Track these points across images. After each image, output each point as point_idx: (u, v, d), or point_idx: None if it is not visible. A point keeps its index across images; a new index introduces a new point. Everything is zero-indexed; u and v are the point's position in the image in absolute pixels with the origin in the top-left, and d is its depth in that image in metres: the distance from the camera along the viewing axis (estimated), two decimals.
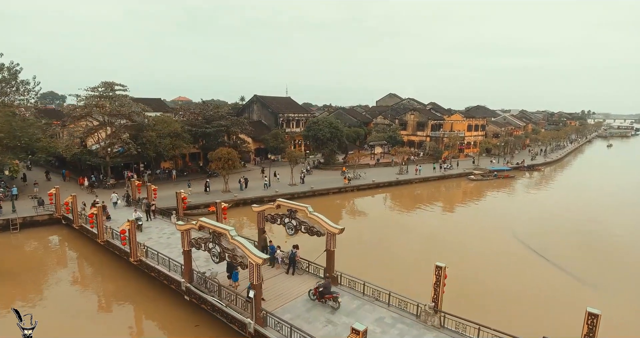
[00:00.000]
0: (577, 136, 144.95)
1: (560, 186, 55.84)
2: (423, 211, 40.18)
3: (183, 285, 18.40)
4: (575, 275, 23.94)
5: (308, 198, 43.08)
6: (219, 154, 40.01)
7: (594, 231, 33.40)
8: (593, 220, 37.06)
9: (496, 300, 20.68)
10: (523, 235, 31.39)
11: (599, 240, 30.93)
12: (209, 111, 47.72)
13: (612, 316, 16.64)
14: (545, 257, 26.59)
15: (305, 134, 57.34)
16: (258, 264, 14.32)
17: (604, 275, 24.25)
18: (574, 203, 44.42)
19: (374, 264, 25.12)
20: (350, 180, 47.69)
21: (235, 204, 38.98)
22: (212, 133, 45.73)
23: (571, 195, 48.88)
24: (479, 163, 66.47)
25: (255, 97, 68.11)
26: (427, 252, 27.32)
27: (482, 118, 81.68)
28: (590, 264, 26.01)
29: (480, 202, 44.43)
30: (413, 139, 75.74)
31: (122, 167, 44.78)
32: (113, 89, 42.48)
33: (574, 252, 27.94)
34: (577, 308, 14.10)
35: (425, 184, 53.17)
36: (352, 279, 17.90)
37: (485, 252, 27.73)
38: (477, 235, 31.88)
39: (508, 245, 29.48)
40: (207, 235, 17.59)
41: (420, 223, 35.82)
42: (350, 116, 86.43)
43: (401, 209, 41.61)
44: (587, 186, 55.75)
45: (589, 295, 21.51)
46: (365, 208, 42.57)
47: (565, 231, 33.26)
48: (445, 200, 46.00)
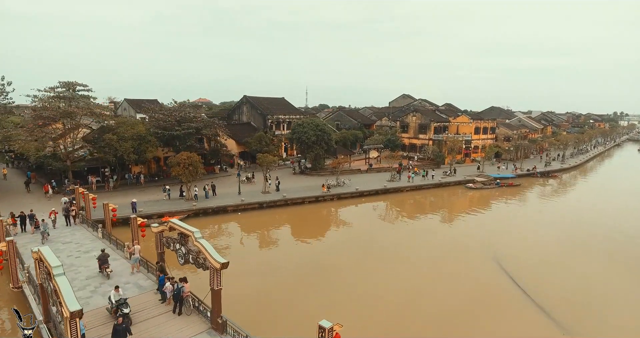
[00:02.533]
0: (606, 139, 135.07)
1: (571, 198, 49.76)
2: (400, 226, 35.68)
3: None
4: (557, 320, 19.10)
5: (279, 207, 39.34)
6: (178, 159, 36.85)
7: (592, 265, 28.07)
8: (593, 250, 31.57)
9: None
10: (507, 261, 26.51)
11: (599, 283, 25.69)
12: (180, 112, 44.62)
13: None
14: (527, 292, 21.77)
15: (290, 137, 53.62)
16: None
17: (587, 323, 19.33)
18: (582, 221, 38.75)
19: (304, 299, 21.04)
20: (330, 188, 43.54)
21: (195, 214, 35.67)
22: (180, 135, 42.62)
23: (581, 210, 43.05)
24: (484, 169, 60.85)
25: (245, 98, 64.93)
26: (393, 278, 23.03)
27: (492, 120, 75.61)
28: (581, 311, 21.04)
29: (470, 216, 39.27)
30: (415, 143, 70.67)
31: (87, 172, 42.38)
32: (74, 89, 40.14)
33: (564, 293, 22.94)
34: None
35: (416, 193, 48.32)
36: (237, 330, 13.86)
37: (451, 281, 23.14)
38: (451, 256, 27.22)
39: (483, 271, 24.74)
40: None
41: (391, 239, 31.33)
42: (351, 117, 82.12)
43: (375, 223, 36.88)
44: (605, 197, 49.51)
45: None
46: (338, 221, 38.15)
47: (561, 260, 28.10)
48: (430, 213, 40.72)
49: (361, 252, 27.87)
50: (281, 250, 28.77)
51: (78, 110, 37.53)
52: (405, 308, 19.74)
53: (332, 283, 22.57)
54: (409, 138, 71.44)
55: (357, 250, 28.41)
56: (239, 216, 36.42)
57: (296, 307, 19.57)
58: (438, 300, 20.56)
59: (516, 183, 53.31)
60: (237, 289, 19.46)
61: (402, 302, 20.24)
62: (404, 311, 19.45)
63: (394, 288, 21.88)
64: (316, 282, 22.55)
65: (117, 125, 40.59)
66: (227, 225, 34.33)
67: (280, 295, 20.89)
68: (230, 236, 32.03)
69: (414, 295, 21.10)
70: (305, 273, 23.81)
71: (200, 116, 47.30)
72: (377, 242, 30.02)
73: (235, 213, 37.11)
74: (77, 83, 40.44)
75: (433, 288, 22.08)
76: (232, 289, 17.68)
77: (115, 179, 42.13)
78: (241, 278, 21.67)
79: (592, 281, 23.68)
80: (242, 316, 15.98)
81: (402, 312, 19.37)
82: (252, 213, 37.44)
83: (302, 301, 20.21)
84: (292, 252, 28.10)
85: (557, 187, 54.99)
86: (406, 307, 19.91)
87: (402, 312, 19.29)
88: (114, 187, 41.87)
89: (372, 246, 29.04)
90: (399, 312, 19.27)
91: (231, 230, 33.55)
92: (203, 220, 34.70)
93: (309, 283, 22.49)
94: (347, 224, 36.49)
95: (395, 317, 18.70)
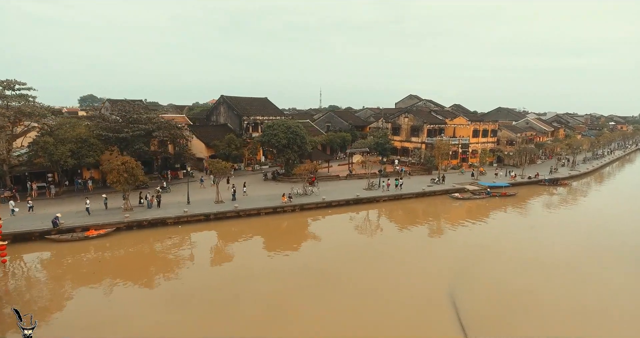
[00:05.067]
0: (627, 143, 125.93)
1: (576, 211, 43.73)
2: (354, 246, 30.72)
3: None
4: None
5: (229, 220, 35.04)
6: (112, 165, 33.01)
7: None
8: (590, 287, 25.98)
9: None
10: (465, 301, 21.40)
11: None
12: (134, 112, 40.87)
13: None
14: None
15: (260, 140, 49.36)
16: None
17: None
18: (585, 243, 33.07)
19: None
20: (292, 198, 38.95)
21: (127, 227, 31.68)
22: (127, 138, 38.83)
23: (583, 227, 37.25)
24: (479, 176, 55.15)
25: (222, 98, 60.99)
26: (315, 320, 18.35)
27: (494, 122, 69.46)
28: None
29: (440, 235, 33.97)
30: (407, 146, 65.34)
31: (30, 177, 39.10)
32: (12, 87, 36.88)
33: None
34: None
35: (393, 204, 43.12)
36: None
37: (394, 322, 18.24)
38: (396, 290, 22.25)
39: (430, 312, 19.72)
40: None
41: (334, 265, 26.47)
42: (342, 119, 77.29)
43: (327, 242, 31.98)
44: (612, 212, 43.37)
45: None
46: (284, 239, 32.93)
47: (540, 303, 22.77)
48: (395, 230, 35.25)
49: (292, 281, 23.21)
50: (191, 276, 24.32)
51: (7, 112, 34.11)
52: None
53: (249, 318, 18.03)
54: (400, 141, 66.16)
55: (289, 277, 23.76)
56: (178, 230, 32.19)
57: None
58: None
59: (511, 192, 47.45)
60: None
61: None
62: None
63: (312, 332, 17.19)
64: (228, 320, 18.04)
65: (58, 126, 37.15)
66: (158, 242, 29.96)
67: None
68: (144, 258, 27.55)
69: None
70: (210, 310, 19.32)
71: (158, 117, 43.36)
72: (312, 269, 25.21)
73: (176, 225, 33.01)
74: (17, 81, 37.18)
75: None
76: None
77: (56, 185, 38.67)
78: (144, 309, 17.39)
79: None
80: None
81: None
82: (196, 226, 33.21)
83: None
84: (203, 281, 23.65)
85: (561, 198, 48.78)
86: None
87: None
88: (57, 194, 38.44)
89: (306, 273, 24.32)
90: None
91: (155, 248, 29.17)
92: (134, 234, 30.72)
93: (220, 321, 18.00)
94: (293, 242, 31.62)
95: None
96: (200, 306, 19.68)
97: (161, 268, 25.10)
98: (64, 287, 21.82)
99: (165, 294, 21.21)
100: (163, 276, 23.82)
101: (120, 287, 21.82)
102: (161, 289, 22.01)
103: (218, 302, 20.32)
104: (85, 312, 18.97)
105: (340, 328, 17.94)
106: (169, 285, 22.45)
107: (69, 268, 24.62)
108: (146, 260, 26.63)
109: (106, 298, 20.50)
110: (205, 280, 23.37)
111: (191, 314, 18.83)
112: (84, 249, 27.34)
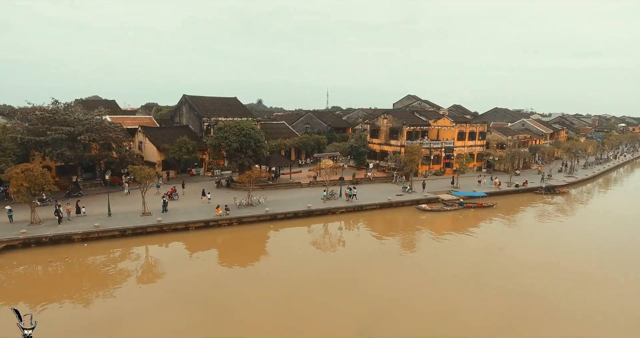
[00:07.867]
0: (638, 146, 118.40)
1: (559, 227, 38.25)
2: (280, 271, 26.03)
3: None
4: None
5: (149, 235, 30.75)
6: (10, 173, 29.00)
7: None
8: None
9: None
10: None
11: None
12: (60, 114, 36.86)
13: None
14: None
15: (211, 143, 45.02)
16: None
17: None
18: (558, 274, 27.91)
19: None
20: (229, 210, 34.42)
21: (23, 244, 27.61)
22: (48, 141, 34.84)
23: (564, 251, 31.96)
24: (459, 183, 49.85)
25: (184, 98, 56.86)
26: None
27: (482, 124, 63.91)
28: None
29: (388, 260, 29.18)
30: (386, 150, 60.20)
31: None
32: None
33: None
34: None
35: (350, 216, 38.23)
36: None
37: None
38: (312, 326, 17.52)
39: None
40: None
41: (241, 299, 21.87)
42: (321, 120, 72.60)
43: (255, 267, 27.56)
44: (604, 235, 37.81)
45: None
46: (201, 260, 28.42)
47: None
48: (337, 251, 30.44)
49: (184, 317, 18.68)
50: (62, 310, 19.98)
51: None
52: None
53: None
54: (379, 144, 61.07)
55: (181, 309, 19.22)
56: (83, 249, 27.96)
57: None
58: None
59: (489, 203, 42.05)
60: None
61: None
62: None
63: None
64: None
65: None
66: (42, 264, 25.61)
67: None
68: (16, 283, 23.43)
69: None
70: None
71: (92, 118, 39.20)
72: (211, 305, 20.68)
73: (82, 243, 28.79)
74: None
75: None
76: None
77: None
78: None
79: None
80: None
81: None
82: (106, 244, 28.91)
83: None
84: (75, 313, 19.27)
85: (551, 210, 43.09)
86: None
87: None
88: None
89: (200, 310, 19.75)
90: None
91: (35, 272, 24.93)
92: (27, 254, 26.63)
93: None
94: (212, 263, 27.20)
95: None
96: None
97: (21, 297, 20.74)
98: None
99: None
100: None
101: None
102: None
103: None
104: None
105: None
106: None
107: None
108: (15, 286, 22.37)
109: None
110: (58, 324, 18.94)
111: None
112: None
